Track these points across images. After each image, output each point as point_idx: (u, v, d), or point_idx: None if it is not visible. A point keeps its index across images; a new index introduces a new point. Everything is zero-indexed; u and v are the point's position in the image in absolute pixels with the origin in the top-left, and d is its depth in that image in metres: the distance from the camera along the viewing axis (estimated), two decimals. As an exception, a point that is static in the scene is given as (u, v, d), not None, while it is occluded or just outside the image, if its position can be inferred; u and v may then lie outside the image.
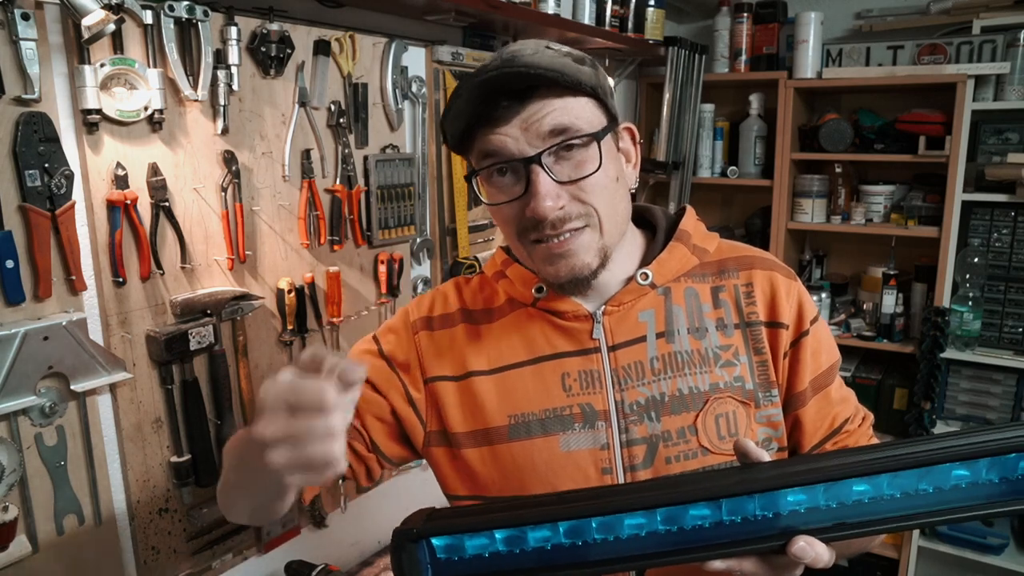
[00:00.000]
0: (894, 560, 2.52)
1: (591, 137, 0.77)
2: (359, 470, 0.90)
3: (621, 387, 0.82)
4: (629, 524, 0.62)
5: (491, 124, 0.77)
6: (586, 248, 0.79)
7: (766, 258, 0.90)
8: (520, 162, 0.76)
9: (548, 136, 0.76)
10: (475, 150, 0.80)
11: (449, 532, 0.65)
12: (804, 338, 0.85)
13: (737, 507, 0.60)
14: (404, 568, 0.65)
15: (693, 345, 0.83)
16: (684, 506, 0.61)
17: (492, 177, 0.80)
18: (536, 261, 0.82)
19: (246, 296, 1.33)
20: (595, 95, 0.78)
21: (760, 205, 2.70)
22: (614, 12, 2.18)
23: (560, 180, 0.76)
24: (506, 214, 0.80)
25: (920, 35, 2.42)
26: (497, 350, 0.87)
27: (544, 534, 0.63)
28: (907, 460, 0.58)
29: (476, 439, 0.85)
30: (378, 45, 1.58)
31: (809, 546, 0.59)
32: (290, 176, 1.41)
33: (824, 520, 0.60)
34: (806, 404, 0.85)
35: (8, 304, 1.03)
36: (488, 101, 0.76)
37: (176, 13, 1.16)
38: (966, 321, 2.29)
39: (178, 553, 1.28)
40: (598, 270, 0.81)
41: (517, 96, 0.75)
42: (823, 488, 0.60)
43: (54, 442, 1.10)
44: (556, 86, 0.75)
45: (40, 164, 1.03)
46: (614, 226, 0.81)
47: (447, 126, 0.81)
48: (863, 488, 0.59)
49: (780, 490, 0.60)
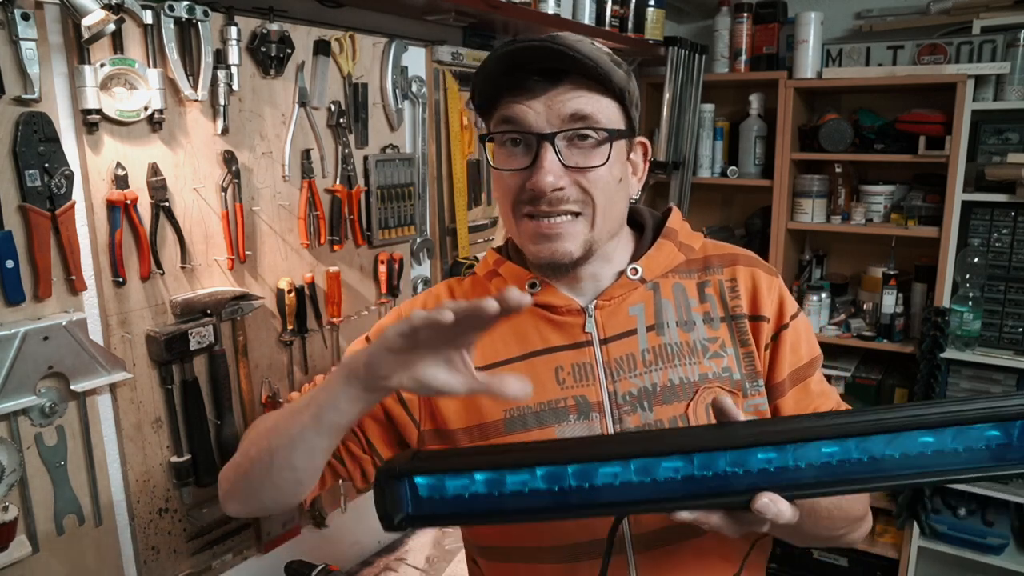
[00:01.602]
0: (894, 560, 2.52)
1: (607, 135, 0.79)
2: (354, 471, 0.91)
3: (614, 379, 0.84)
4: (604, 472, 0.64)
5: (518, 93, 0.79)
6: (573, 237, 0.81)
7: (748, 255, 0.92)
8: (534, 136, 0.79)
9: (568, 119, 0.78)
10: (497, 113, 0.82)
11: (431, 471, 0.67)
12: (784, 331, 0.87)
13: (708, 462, 0.63)
14: (386, 503, 0.67)
15: (682, 337, 0.85)
16: (658, 458, 0.64)
17: (505, 145, 0.82)
18: (523, 236, 0.84)
19: (246, 296, 1.33)
20: (622, 99, 0.81)
21: (760, 205, 2.70)
22: (614, 12, 2.18)
23: (567, 164, 0.79)
24: (508, 182, 0.83)
25: (920, 35, 2.42)
26: (491, 345, 0.88)
27: (522, 478, 0.65)
28: (876, 425, 0.61)
29: (472, 434, 0.86)
30: (378, 45, 1.58)
31: (772, 503, 0.62)
32: (290, 176, 1.41)
33: (792, 479, 0.62)
34: (785, 395, 0.87)
35: (8, 304, 1.03)
36: (522, 72, 0.78)
37: (176, 13, 1.16)
38: (966, 321, 2.29)
39: (178, 553, 1.28)
40: (580, 261, 0.83)
41: (550, 76, 0.78)
42: (792, 448, 0.62)
43: (54, 442, 1.10)
44: (588, 77, 0.78)
45: (40, 164, 1.03)
46: (606, 223, 0.83)
47: (477, 82, 0.83)
48: (832, 450, 0.62)
49: (751, 448, 0.62)
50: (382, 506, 0.68)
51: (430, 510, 0.67)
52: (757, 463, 0.63)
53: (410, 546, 1.73)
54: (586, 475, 0.65)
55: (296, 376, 1.48)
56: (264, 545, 1.44)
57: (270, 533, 1.45)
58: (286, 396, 1.46)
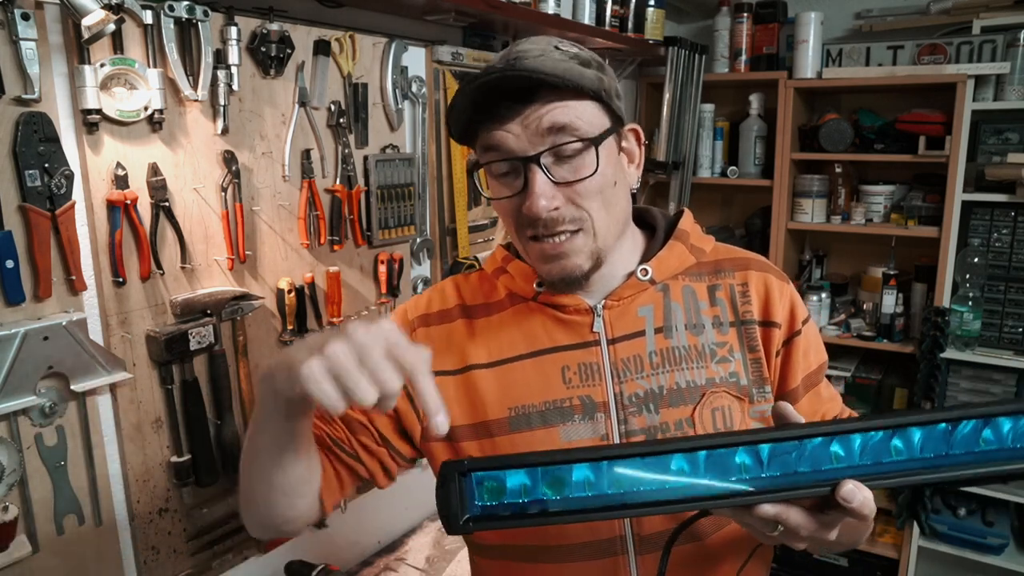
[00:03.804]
0: (894, 560, 2.52)
1: (590, 142, 0.78)
2: (374, 467, 0.91)
3: (620, 380, 0.84)
4: (674, 468, 0.63)
5: (493, 121, 0.78)
6: (578, 251, 0.81)
7: (761, 260, 0.92)
8: (519, 160, 0.78)
9: (547, 133, 0.77)
10: (478, 143, 0.82)
11: (494, 468, 0.65)
12: (796, 338, 0.87)
13: (779, 459, 0.62)
14: (451, 502, 0.65)
15: (690, 341, 0.85)
16: (731, 449, 0.62)
17: (494, 174, 0.82)
18: (532, 258, 0.84)
19: (246, 296, 1.33)
20: (598, 98, 0.79)
21: (760, 205, 2.70)
22: (614, 12, 2.18)
23: (557, 181, 0.78)
24: (506, 208, 0.83)
25: (920, 35, 2.42)
26: (497, 343, 0.88)
27: (585, 475, 0.64)
28: (941, 417, 0.62)
29: (476, 432, 0.86)
30: (378, 45, 1.58)
31: (857, 489, 0.59)
32: (290, 176, 1.41)
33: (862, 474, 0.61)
34: (799, 401, 0.87)
35: (8, 304, 1.03)
36: (490, 101, 0.77)
37: (176, 13, 1.16)
38: (966, 321, 2.29)
39: (178, 553, 1.28)
40: (591, 272, 0.82)
41: (519, 97, 0.77)
42: (859, 443, 0.62)
43: (54, 442, 1.10)
44: (558, 89, 0.76)
45: (40, 164, 1.03)
46: (608, 230, 0.82)
47: (451, 121, 0.83)
48: (898, 444, 0.62)
49: (822, 440, 0.61)
50: (447, 505, 0.65)
51: (497, 510, 0.65)
52: (828, 459, 0.61)
53: (410, 546, 1.73)
54: (656, 467, 0.63)
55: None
56: (264, 545, 1.44)
57: (270, 533, 1.45)
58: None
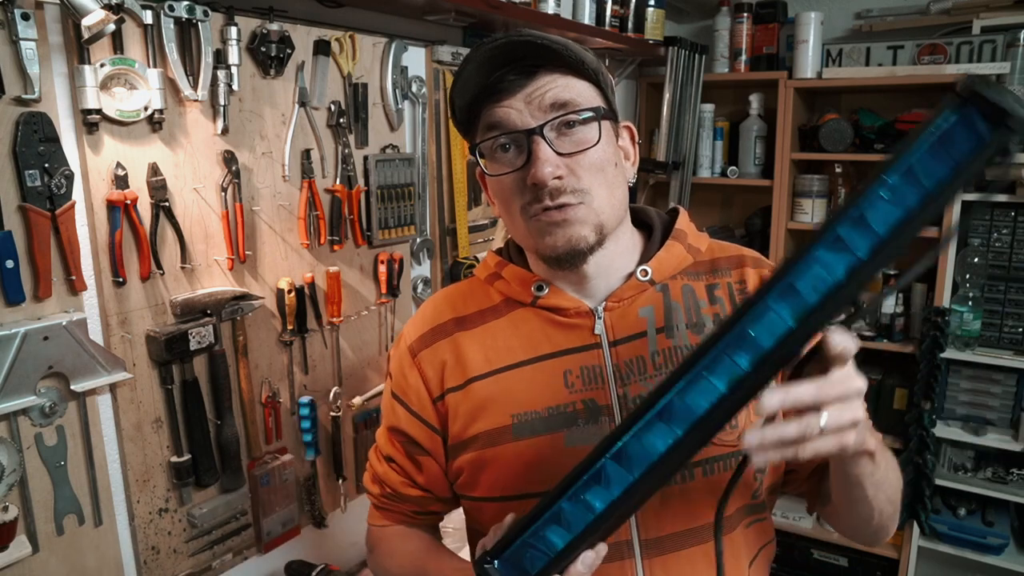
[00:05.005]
0: (894, 560, 2.52)
1: (592, 112, 0.79)
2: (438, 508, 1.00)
3: (623, 382, 0.83)
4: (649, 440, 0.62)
5: (497, 96, 0.79)
6: (583, 221, 0.80)
7: (755, 256, 0.92)
8: (523, 133, 0.78)
9: (550, 109, 0.78)
10: (480, 124, 0.82)
11: (512, 541, 0.66)
12: None
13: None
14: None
15: (692, 340, 0.84)
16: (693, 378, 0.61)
17: (496, 153, 0.82)
18: (534, 235, 0.82)
19: (246, 296, 1.33)
20: (597, 82, 0.81)
21: (760, 205, 2.70)
22: (614, 12, 2.18)
23: (560, 152, 0.78)
24: (507, 185, 0.82)
25: (920, 35, 2.42)
26: (495, 350, 0.87)
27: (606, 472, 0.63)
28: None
29: (481, 441, 0.86)
30: (378, 45, 1.58)
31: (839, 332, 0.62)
32: (290, 176, 1.41)
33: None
34: None
35: (8, 304, 1.03)
36: (495, 72, 0.79)
37: (176, 13, 1.16)
38: (966, 321, 2.29)
39: (178, 553, 1.28)
40: (595, 247, 0.81)
41: (524, 71, 0.78)
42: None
43: (54, 442, 1.10)
44: (561, 65, 0.78)
45: (40, 164, 1.03)
46: (610, 207, 0.82)
47: (455, 97, 0.83)
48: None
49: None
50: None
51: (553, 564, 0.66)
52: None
53: (410, 546, 1.73)
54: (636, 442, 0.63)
55: (296, 376, 1.48)
56: (264, 545, 1.44)
57: (270, 533, 1.45)
58: (286, 397, 1.46)
